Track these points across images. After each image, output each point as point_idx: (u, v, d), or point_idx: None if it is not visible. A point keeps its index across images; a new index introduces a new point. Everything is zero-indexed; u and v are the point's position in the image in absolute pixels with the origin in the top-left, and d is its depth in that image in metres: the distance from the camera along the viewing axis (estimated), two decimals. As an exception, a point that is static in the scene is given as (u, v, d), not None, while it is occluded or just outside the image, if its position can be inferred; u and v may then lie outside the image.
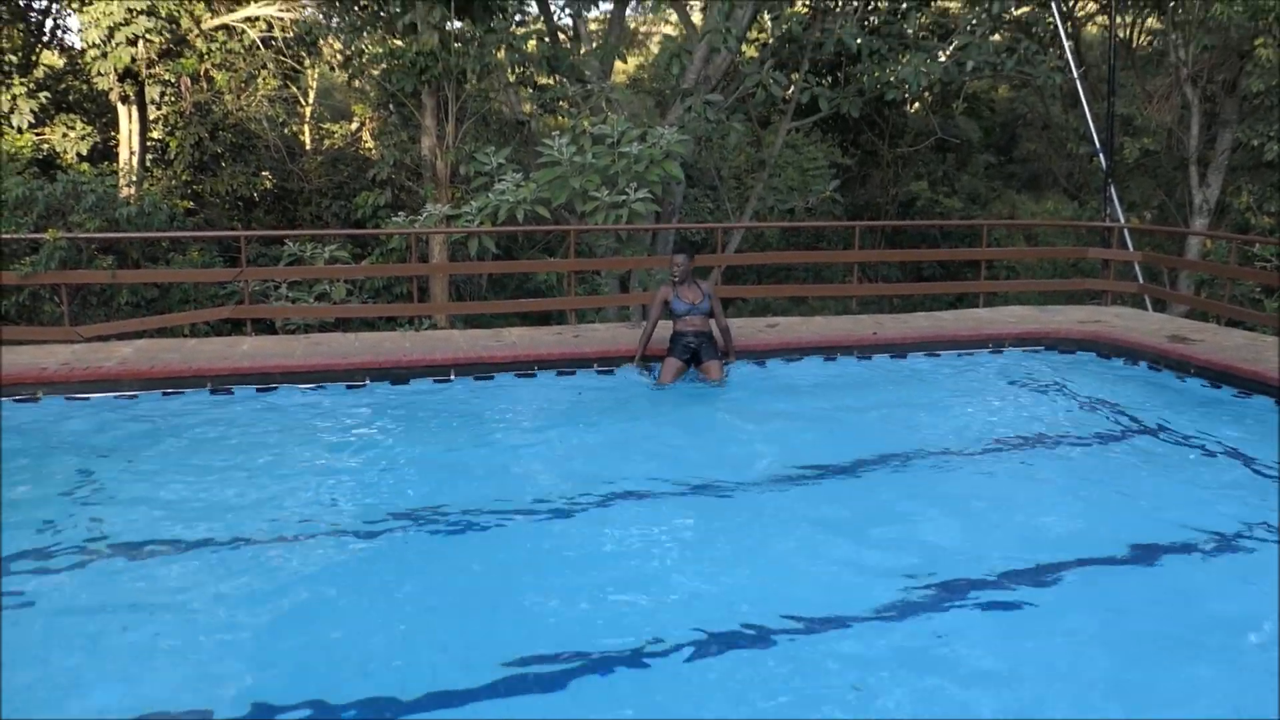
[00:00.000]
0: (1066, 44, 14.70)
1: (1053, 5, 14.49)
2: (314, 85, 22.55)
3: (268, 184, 19.19)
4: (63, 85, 18.69)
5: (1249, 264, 14.25)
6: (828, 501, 5.85)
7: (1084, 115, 14.33)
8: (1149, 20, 19.38)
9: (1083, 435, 7.14)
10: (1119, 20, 18.02)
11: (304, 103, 22.30)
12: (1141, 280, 12.26)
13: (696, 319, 8.28)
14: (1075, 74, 14.04)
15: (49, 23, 18.90)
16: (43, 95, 16.55)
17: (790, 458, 6.58)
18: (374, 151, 18.98)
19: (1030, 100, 23.44)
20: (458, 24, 13.09)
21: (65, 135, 16.94)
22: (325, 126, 23.44)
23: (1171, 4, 15.79)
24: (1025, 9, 14.68)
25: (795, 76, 15.00)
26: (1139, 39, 20.06)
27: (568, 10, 14.55)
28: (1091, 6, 21.17)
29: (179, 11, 17.37)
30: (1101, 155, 13.43)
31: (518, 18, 14.34)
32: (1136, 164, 19.07)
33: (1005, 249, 19.86)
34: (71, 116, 17.61)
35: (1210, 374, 8.19)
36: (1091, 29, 23.17)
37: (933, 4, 16.52)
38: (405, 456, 6.58)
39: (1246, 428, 7.12)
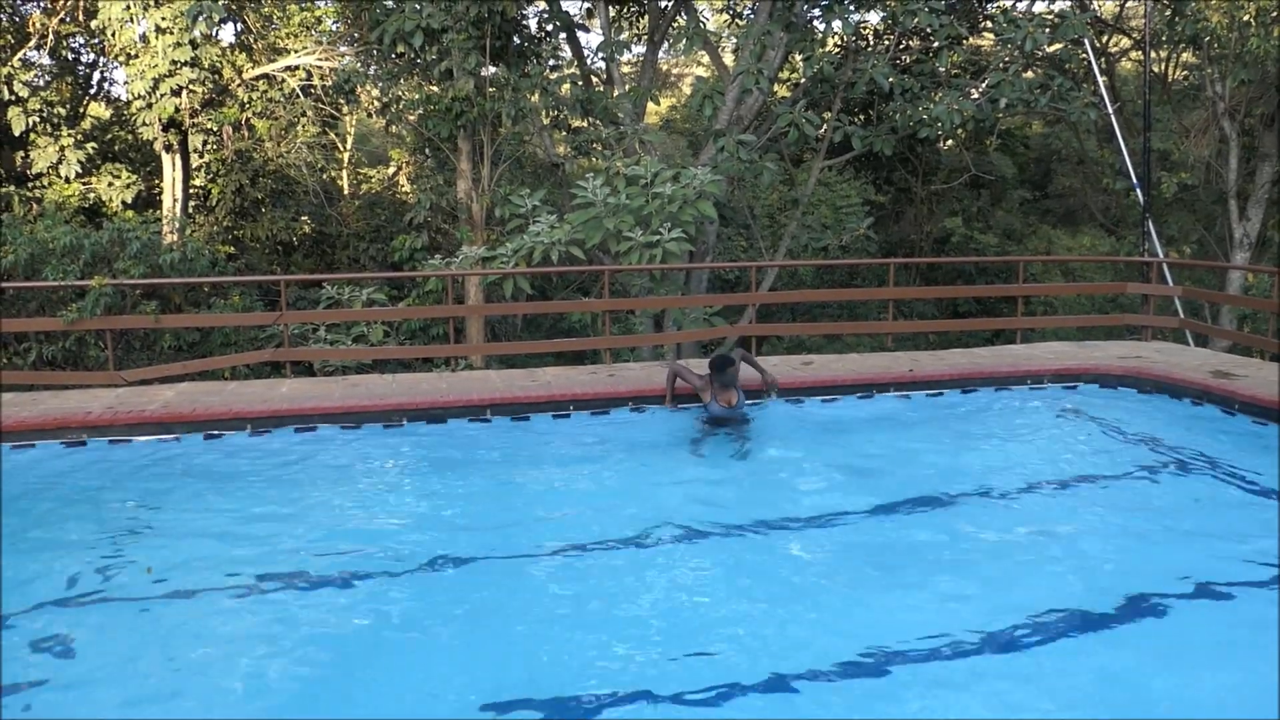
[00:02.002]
0: (1100, 80, 14.66)
1: (1086, 42, 14.48)
2: (352, 131, 22.96)
3: (306, 228, 19.51)
4: (109, 136, 19.18)
5: (1293, 298, 14.00)
6: (867, 540, 5.79)
7: (1120, 151, 14.25)
8: (1184, 55, 19.30)
9: (1126, 472, 7.02)
10: (1153, 55, 17.96)
11: (342, 149, 22.70)
12: (1182, 315, 12.10)
13: (733, 414, 7.93)
14: (1110, 110, 13.98)
15: (96, 75, 19.45)
16: (90, 146, 17.00)
17: (825, 497, 6.53)
18: (410, 195, 19.25)
19: (1065, 136, 23.36)
20: (492, 70, 13.29)
21: (111, 184, 17.35)
22: (363, 171, 23.83)
23: (1206, 39, 15.71)
24: (1058, 45, 14.62)
25: (828, 115, 15.05)
26: (1174, 74, 19.96)
27: (601, 55, 14.72)
28: (1125, 42, 21.11)
29: (221, 62, 17.82)
30: (1139, 190, 13.33)
31: (551, 63, 14.55)
32: (1174, 198, 18.91)
33: (1042, 284, 19.71)
34: (117, 166, 18.05)
35: (1255, 410, 8.04)
36: (1126, 65, 23.09)
37: (964, 42, 16.54)
38: (442, 496, 6.60)
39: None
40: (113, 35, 16.01)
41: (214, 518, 6.06)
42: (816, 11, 14.79)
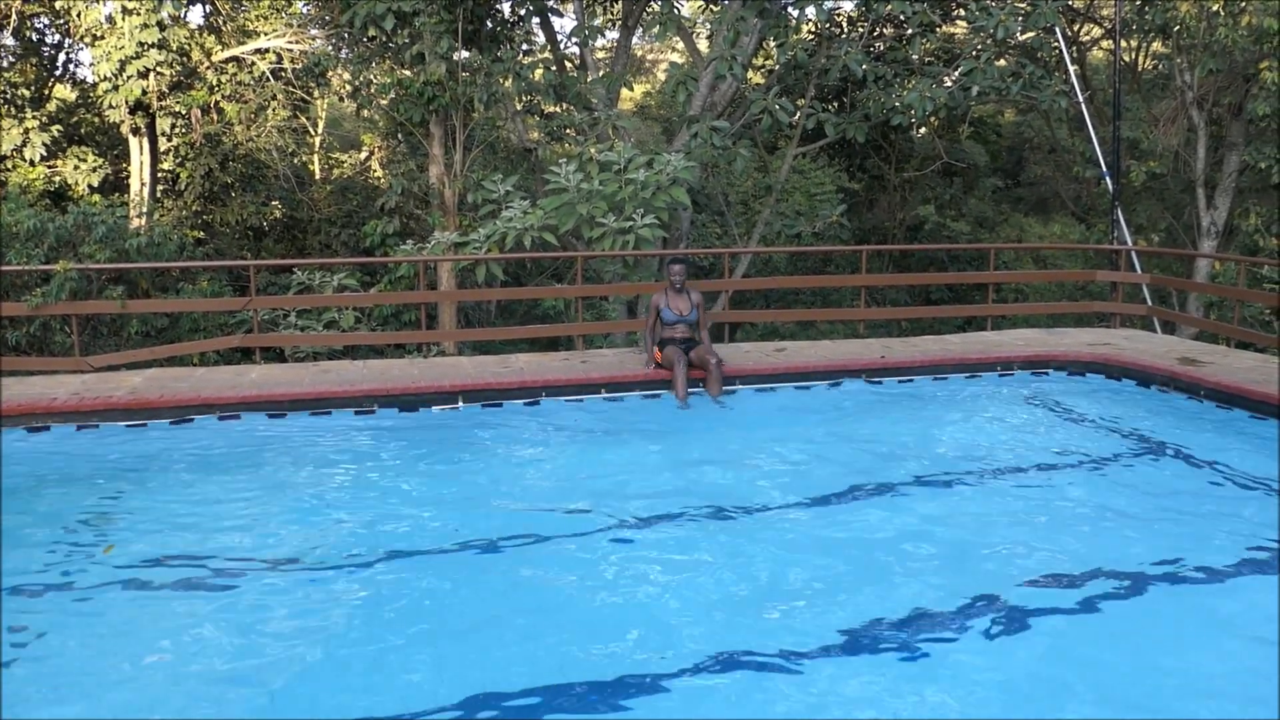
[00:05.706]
0: (1071, 68, 14.74)
1: (1057, 30, 14.54)
2: (323, 115, 22.74)
3: (277, 213, 19.32)
4: (75, 118, 18.89)
5: (1258, 286, 14.20)
6: (835, 526, 5.81)
7: (1090, 139, 14.35)
8: (1154, 44, 19.43)
9: (1093, 458, 7.09)
10: (1124, 44, 18.07)
11: (313, 133, 22.48)
12: (1150, 303, 12.23)
13: (683, 328, 8.68)
14: (1080, 98, 14.07)
15: (61, 57, 19.15)
16: (55, 128, 16.72)
17: (796, 483, 6.55)
18: (382, 180, 19.11)
19: (1036, 124, 23.48)
20: (465, 54, 13.20)
21: (77, 167, 17.09)
22: (334, 156, 23.63)
23: (1176, 29, 15.83)
24: (1030, 34, 14.69)
25: (801, 102, 15.06)
26: (1144, 63, 20.10)
27: (574, 39, 14.64)
28: (1096, 31, 21.23)
29: (190, 44, 17.57)
30: (1108, 178, 13.43)
31: (524, 47, 14.43)
32: (1143, 187, 19.05)
33: (1013, 272, 19.80)
34: (83, 149, 17.77)
35: (1221, 396, 8.15)
36: (1096, 54, 23.23)
37: (937, 30, 16.59)
38: (412, 483, 6.57)
39: (1259, 450, 7.07)
40: (78, 16, 15.75)
41: (180, 505, 6.01)
42: (790, -2, 14.79)
